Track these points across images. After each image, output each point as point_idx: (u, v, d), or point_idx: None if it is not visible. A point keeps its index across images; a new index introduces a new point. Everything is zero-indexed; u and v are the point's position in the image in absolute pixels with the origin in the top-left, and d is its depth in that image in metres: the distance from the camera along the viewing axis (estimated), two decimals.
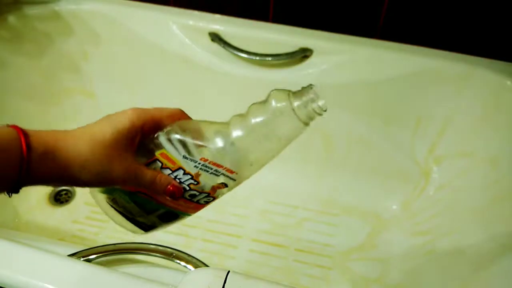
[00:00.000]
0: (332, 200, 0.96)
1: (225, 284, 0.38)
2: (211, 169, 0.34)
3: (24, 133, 0.31)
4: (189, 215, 0.38)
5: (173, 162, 0.35)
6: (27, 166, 0.30)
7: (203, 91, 0.95)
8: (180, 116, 0.37)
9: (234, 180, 0.35)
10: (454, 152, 0.85)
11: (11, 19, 0.91)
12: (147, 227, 0.39)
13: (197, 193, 0.36)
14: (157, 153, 0.35)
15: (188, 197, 0.36)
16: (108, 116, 0.35)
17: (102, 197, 0.38)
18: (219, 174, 0.35)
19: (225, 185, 0.35)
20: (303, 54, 0.85)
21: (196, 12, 0.93)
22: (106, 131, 0.33)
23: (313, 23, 0.88)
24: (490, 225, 0.70)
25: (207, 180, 0.35)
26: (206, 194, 0.36)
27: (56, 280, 0.42)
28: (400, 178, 0.93)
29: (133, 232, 0.39)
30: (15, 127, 0.31)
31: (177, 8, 0.94)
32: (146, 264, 0.55)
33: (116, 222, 0.39)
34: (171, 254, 0.59)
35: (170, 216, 0.38)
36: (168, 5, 0.94)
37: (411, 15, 0.82)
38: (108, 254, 0.56)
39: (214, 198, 0.36)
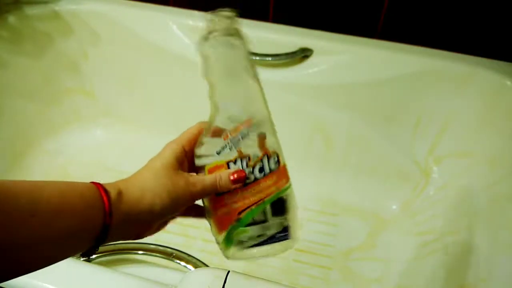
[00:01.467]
0: (332, 200, 0.96)
1: (225, 284, 0.38)
2: (238, 136, 0.35)
3: (105, 190, 0.32)
4: (287, 187, 0.37)
5: (219, 166, 0.35)
6: (109, 218, 0.31)
7: (203, 91, 0.95)
8: (200, 126, 0.38)
9: (260, 123, 0.35)
10: (454, 152, 0.85)
11: (11, 19, 0.91)
12: (284, 232, 0.38)
13: (259, 163, 0.35)
14: (207, 173, 0.36)
15: (259, 173, 0.35)
16: (151, 158, 0.37)
17: (235, 250, 0.38)
18: (247, 132, 0.35)
19: (263, 134, 0.35)
20: (303, 54, 0.85)
21: (196, 12, 0.93)
22: (156, 163, 0.35)
23: (313, 23, 0.88)
24: (490, 225, 0.70)
25: (249, 147, 0.35)
26: (263, 156, 0.35)
27: (56, 280, 0.42)
28: (400, 178, 0.93)
29: (287, 248, 0.39)
30: (96, 184, 0.33)
31: (177, 8, 0.94)
32: (146, 264, 0.55)
33: (270, 255, 0.38)
34: (171, 254, 0.59)
35: (279, 204, 0.37)
36: (168, 5, 0.94)
37: (411, 15, 0.82)
38: (108, 254, 0.56)
39: (272, 153, 0.36)
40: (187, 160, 0.37)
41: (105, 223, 0.31)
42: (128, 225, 0.33)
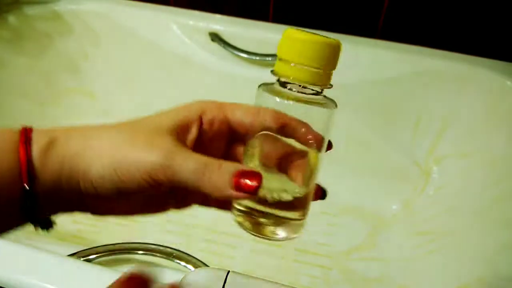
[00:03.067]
0: (332, 200, 0.95)
1: (225, 284, 0.38)
2: None
3: (26, 139, 0.24)
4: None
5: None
6: (28, 168, 0.23)
7: (203, 91, 0.95)
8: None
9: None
10: (454, 152, 0.85)
11: (11, 19, 0.91)
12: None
13: None
14: None
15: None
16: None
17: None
18: None
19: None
20: None
21: (196, 12, 0.92)
22: (141, 120, 0.26)
23: (313, 23, 0.88)
24: (490, 225, 0.70)
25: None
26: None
27: (56, 280, 0.42)
28: (400, 178, 0.93)
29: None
30: (22, 131, 0.25)
31: (177, 8, 0.94)
32: (146, 264, 0.55)
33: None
34: (171, 254, 0.59)
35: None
36: (168, 5, 0.94)
37: (411, 15, 0.82)
38: (108, 254, 0.56)
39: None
40: (197, 129, 0.26)
41: (23, 187, 0.23)
42: (62, 193, 0.24)
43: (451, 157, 0.85)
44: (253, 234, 0.27)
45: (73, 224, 0.90)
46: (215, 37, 0.88)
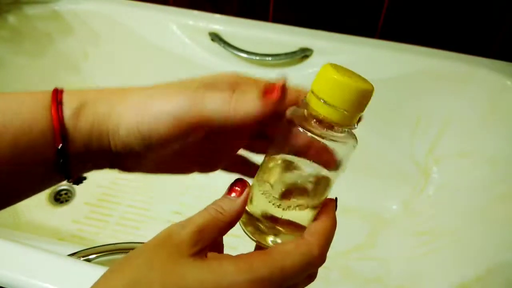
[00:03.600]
0: None
1: None
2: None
3: (58, 102, 0.25)
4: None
5: None
6: (60, 127, 0.24)
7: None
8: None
9: None
10: (454, 152, 0.85)
11: (11, 19, 0.91)
12: None
13: None
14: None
15: None
16: None
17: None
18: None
19: None
20: (303, 54, 0.85)
21: (196, 12, 0.92)
22: (173, 82, 0.27)
23: (313, 23, 0.88)
24: (490, 225, 0.70)
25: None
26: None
27: (56, 280, 0.42)
28: (400, 178, 0.93)
29: None
30: (53, 92, 0.25)
31: (177, 8, 0.94)
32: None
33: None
34: None
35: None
36: (168, 4, 0.94)
37: (411, 15, 0.82)
38: (108, 254, 0.56)
39: None
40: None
41: (57, 147, 0.24)
42: (92, 153, 0.25)
43: (451, 157, 0.85)
44: (252, 239, 0.28)
45: (73, 224, 0.90)
46: (215, 37, 0.88)
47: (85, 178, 0.28)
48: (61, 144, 0.24)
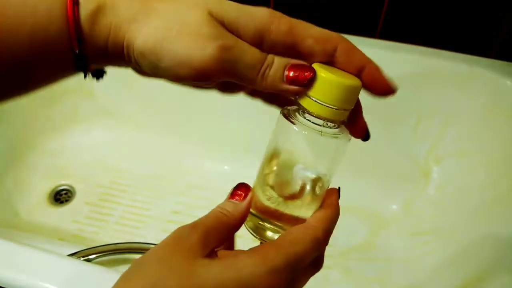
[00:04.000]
0: None
1: None
2: None
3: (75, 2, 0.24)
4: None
5: None
6: (75, 23, 0.23)
7: (203, 90, 0.95)
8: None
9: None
10: (454, 152, 0.85)
11: None
12: None
13: None
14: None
15: None
16: None
17: None
18: None
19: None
20: None
21: None
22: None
23: (313, 23, 0.87)
24: (490, 225, 0.70)
25: None
26: None
27: (56, 280, 0.42)
28: (400, 178, 0.93)
29: None
30: None
31: None
32: None
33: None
34: None
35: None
36: None
37: (411, 15, 0.82)
38: (108, 254, 0.56)
39: None
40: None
41: (73, 50, 0.24)
42: (109, 56, 0.25)
43: (451, 157, 0.85)
44: (253, 235, 0.29)
45: (73, 224, 0.90)
46: None
47: (105, 72, 0.29)
48: (77, 50, 0.24)
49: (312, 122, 0.26)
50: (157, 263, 0.22)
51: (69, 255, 0.49)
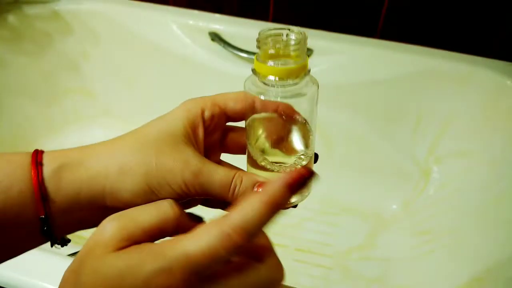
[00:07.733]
0: (332, 200, 0.96)
1: None
2: None
3: (37, 164, 0.24)
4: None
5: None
6: (40, 189, 0.23)
7: (203, 90, 0.95)
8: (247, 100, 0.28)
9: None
10: (454, 152, 0.85)
11: (11, 19, 0.91)
12: None
13: None
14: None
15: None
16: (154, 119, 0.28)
17: None
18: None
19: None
20: None
21: (196, 12, 0.92)
22: (150, 130, 0.26)
23: (313, 23, 0.88)
24: (490, 225, 0.70)
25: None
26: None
27: (56, 280, 0.42)
28: (400, 178, 0.93)
29: None
30: (33, 154, 0.25)
31: (176, 7, 0.94)
32: None
33: None
34: None
35: None
36: (167, 4, 0.94)
37: (411, 15, 0.82)
38: None
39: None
40: (202, 129, 0.27)
41: (37, 213, 0.23)
42: (82, 212, 0.25)
43: (451, 156, 0.85)
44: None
45: None
46: (215, 36, 0.88)
47: (69, 241, 0.28)
48: (40, 206, 0.24)
49: (275, 86, 0.26)
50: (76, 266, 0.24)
51: (69, 255, 0.49)
